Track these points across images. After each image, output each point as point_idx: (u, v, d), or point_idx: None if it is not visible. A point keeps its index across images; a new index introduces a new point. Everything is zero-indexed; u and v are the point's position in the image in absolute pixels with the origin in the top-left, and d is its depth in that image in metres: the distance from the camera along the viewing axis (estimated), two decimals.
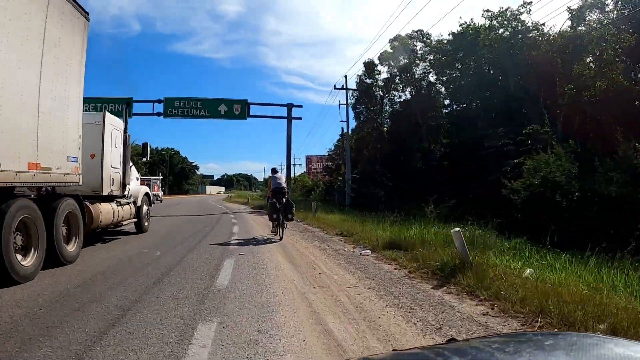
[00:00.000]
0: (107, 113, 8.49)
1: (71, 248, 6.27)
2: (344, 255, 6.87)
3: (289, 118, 23.03)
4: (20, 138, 5.07)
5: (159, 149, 71.35)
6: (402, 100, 29.78)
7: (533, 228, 12.69)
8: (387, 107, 30.80)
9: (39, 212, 5.36)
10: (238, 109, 21.83)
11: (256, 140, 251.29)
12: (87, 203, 7.19)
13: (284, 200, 9.26)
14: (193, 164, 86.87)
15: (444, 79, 27.53)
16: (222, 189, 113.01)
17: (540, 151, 15.94)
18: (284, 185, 9.67)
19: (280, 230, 9.13)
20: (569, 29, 20.22)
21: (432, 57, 27.74)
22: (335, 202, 26.26)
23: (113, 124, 8.72)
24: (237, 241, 8.94)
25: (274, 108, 24.26)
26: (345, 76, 25.62)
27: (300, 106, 24.72)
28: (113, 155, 8.63)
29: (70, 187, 6.62)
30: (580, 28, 19.89)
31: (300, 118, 24.16)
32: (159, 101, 21.49)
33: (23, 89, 5.14)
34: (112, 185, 8.60)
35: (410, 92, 29.19)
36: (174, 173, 76.55)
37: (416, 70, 28.47)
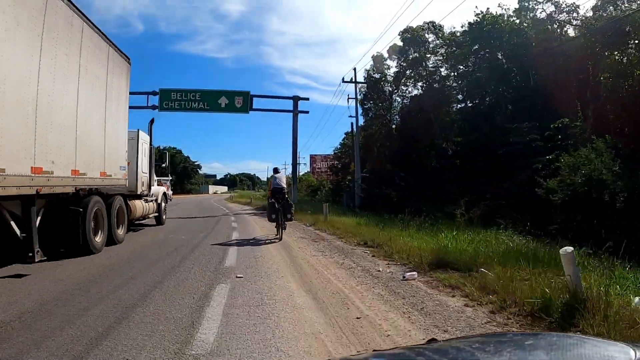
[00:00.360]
0: (140, 131, 10.65)
1: (120, 232, 8.33)
2: (381, 278, 4.98)
3: (295, 112, 21.31)
4: (97, 155, 7.20)
5: (161, 148, 69.77)
6: (412, 95, 28.05)
7: (576, 232, 10.99)
8: (397, 103, 29.04)
9: (104, 205, 7.36)
10: (240, 102, 20.10)
11: (260, 139, 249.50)
12: (127, 200, 9.16)
13: (283, 200, 9.31)
14: (195, 163, 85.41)
15: (456, 73, 25.76)
16: (225, 188, 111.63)
17: (577, 146, 14.25)
18: (284, 185, 9.79)
19: (280, 231, 9.24)
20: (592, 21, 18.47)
21: (444, 51, 25.95)
22: (343, 202, 24.57)
23: (143, 138, 10.92)
24: (235, 250, 7.33)
25: (278, 102, 22.50)
26: (355, 69, 24.10)
27: (307, 99, 22.88)
28: (143, 163, 10.75)
29: (118, 188, 8.44)
30: (604, 14, 18.16)
31: (307, 112, 22.30)
32: (154, 93, 19.77)
33: (99, 119, 7.29)
34: (143, 186, 10.68)
35: (421, 87, 27.43)
36: (176, 172, 74.73)
37: (428, 64, 26.70)
